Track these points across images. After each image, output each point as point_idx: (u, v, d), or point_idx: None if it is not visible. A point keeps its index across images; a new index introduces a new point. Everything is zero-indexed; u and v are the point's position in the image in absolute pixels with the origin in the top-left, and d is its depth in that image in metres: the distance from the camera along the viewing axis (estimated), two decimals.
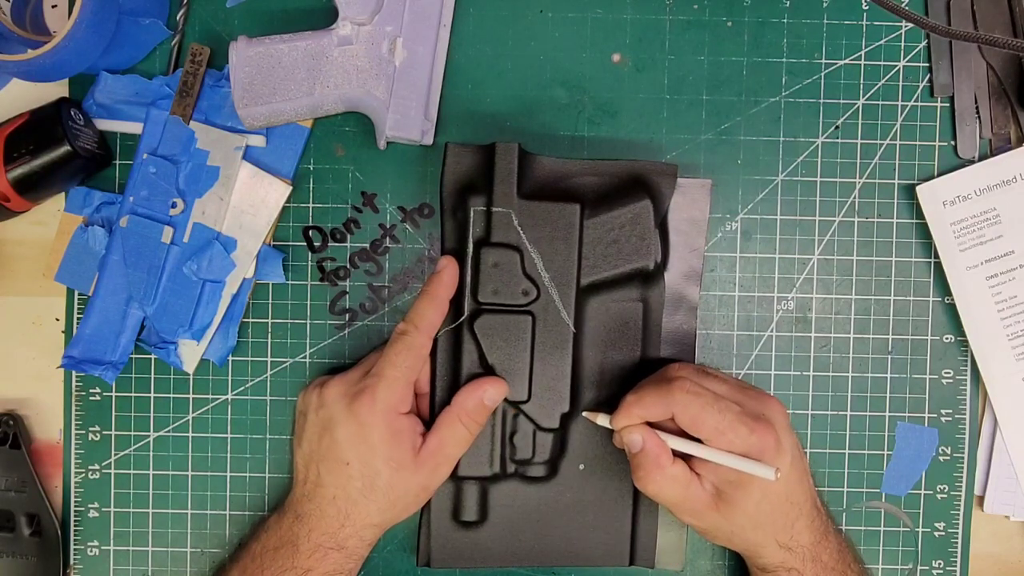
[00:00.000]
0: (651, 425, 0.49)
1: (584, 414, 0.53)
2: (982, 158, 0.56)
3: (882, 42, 0.56)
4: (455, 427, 0.50)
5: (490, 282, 0.51)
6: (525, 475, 0.53)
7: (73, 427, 0.56)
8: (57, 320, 0.56)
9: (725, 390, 0.49)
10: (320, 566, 0.49)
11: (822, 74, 0.56)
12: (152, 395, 0.56)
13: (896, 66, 0.56)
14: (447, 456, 0.50)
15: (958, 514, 0.56)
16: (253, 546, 0.50)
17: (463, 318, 0.51)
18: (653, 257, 0.53)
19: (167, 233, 0.54)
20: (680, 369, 0.50)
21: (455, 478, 0.53)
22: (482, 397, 0.50)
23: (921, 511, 0.56)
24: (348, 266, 0.56)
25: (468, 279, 0.51)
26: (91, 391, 0.56)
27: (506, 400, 0.52)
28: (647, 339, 0.54)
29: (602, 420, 0.51)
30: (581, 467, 0.54)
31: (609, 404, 0.52)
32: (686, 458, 0.49)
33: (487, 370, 0.52)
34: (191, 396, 0.56)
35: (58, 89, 0.55)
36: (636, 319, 0.54)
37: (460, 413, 0.50)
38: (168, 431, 0.56)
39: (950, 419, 0.56)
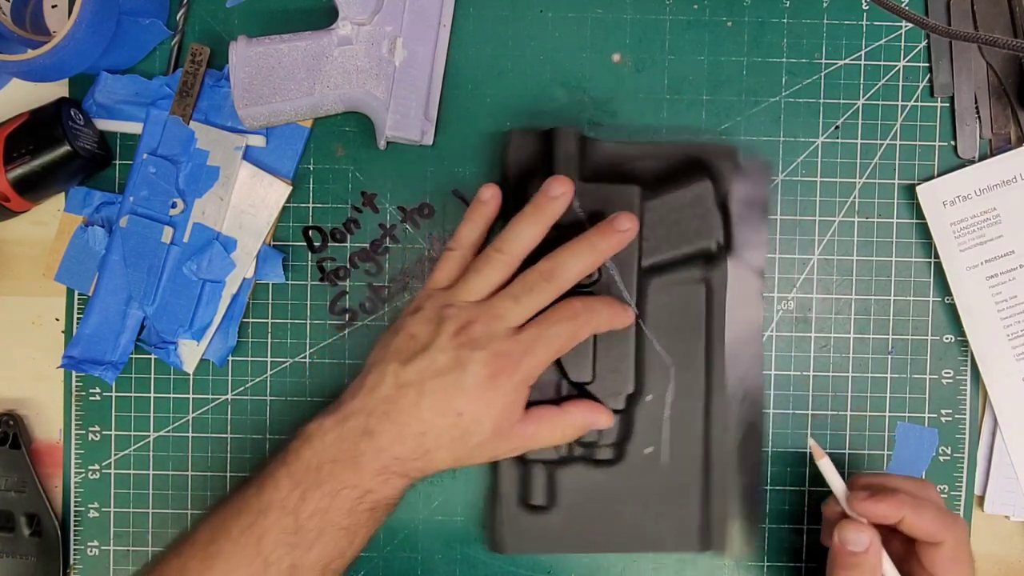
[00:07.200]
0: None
1: (811, 443, 0.49)
2: (982, 158, 0.56)
3: (882, 42, 0.56)
4: (553, 431, 0.49)
5: None
6: (592, 458, 0.53)
7: (73, 427, 0.56)
8: (57, 320, 0.56)
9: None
10: (382, 489, 0.46)
11: (822, 74, 0.56)
12: (152, 395, 0.56)
13: (896, 66, 0.56)
14: (529, 445, 0.49)
15: (958, 514, 0.56)
16: (305, 454, 0.46)
17: None
18: (715, 238, 0.53)
19: (167, 233, 0.54)
20: (944, 505, 0.49)
21: (523, 461, 0.53)
22: (593, 423, 0.50)
23: None
24: (348, 266, 0.56)
25: None
26: (91, 391, 0.56)
27: (570, 381, 0.51)
28: (711, 322, 0.54)
29: (827, 469, 0.48)
30: (648, 451, 0.54)
31: (677, 395, 0.54)
32: None
33: None
34: (191, 396, 0.56)
35: (58, 89, 0.55)
36: (698, 300, 0.54)
37: (565, 423, 0.50)
38: (168, 431, 0.56)
39: (950, 419, 0.56)
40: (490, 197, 0.51)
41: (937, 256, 0.56)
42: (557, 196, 0.49)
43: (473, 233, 0.51)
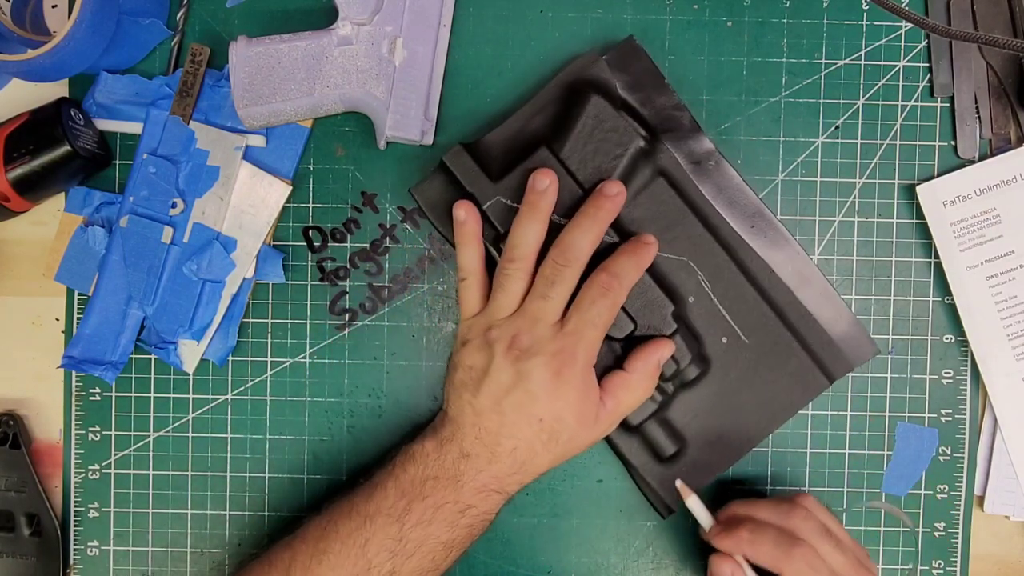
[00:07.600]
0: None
1: (678, 484, 0.53)
2: (982, 158, 0.56)
3: (882, 42, 0.56)
4: (631, 392, 0.51)
5: None
6: (685, 383, 0.54)
7: (73, 427, 0.56)
8: (57, 320, 0.56)
9: (841, 564, 0.48)
10: (481, 505, 0.49)
11: (822, 74, 0.56)
12: (152, 395, 0.56)
13: (896, 66, 0.56)
14: (620, 415, 0.51)
15: (958, 514, 0.56)
16: (410, 469, 0.49)
17: None
18: (636, 133, 0.53)
19: (167, 233, 0.54)
20: (804, 528, 0.49)
21: (633, 429, 0.54)
22: (658, 360, 0.51)
23: (921, 511, 0.56)
24: (348, 266, 0.56)
25: None
26: (91, 391, 0.56)
27: (617, 340, 0.52)
28: (689, 197, 0.54)
29: (694, 506, 0.52)
30: (724, 340, 0.54)
31: (712, 279, 0.54)
32: None
33: None
34: (191, 396, 0.56)
35: (58, 89, 0.55)
36: (666, 192, 0.54)
37: (638, 378, 0.51)
38: (168, 431, 0.56)
39: (950, 419, 0.56)
40: (465, 215, 0.52)
41: (937, 256, 0.56)
42: (544, 189, 0.50)
43: (471, 255, 0.52)
